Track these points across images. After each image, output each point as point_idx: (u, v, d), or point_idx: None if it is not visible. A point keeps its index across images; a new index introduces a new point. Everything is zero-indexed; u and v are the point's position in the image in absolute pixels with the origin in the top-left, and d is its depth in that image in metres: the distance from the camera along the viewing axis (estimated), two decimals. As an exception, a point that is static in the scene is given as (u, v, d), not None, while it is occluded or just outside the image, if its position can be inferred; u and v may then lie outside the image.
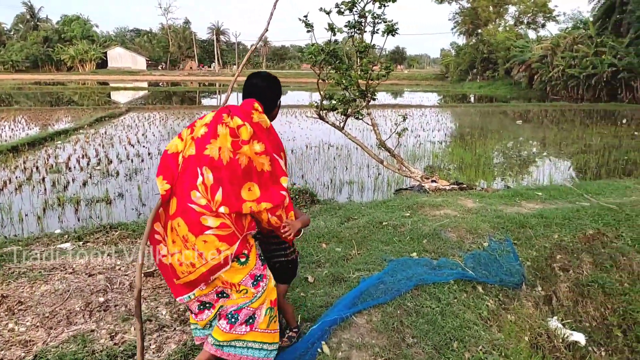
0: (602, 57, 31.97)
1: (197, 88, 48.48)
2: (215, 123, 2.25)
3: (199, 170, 2.16)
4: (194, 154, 2.21)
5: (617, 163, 10.84)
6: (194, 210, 2.14)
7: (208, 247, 2.16)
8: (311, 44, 6.43)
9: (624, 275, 4.36)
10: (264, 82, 2.53)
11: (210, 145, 2.19)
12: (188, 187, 2.16)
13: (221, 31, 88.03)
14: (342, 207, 5.60)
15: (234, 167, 2.19)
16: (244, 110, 2.34)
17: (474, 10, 53.04)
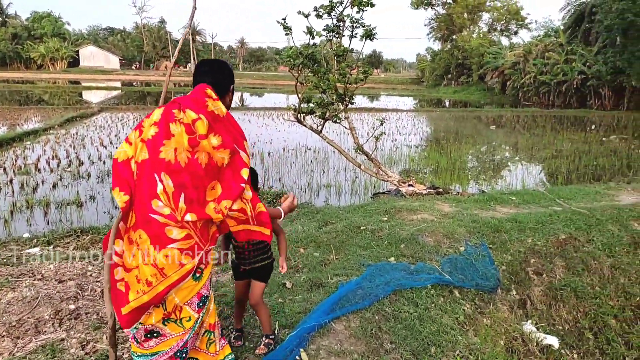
0: (572, 65, 32.91)
1: (173, 88, 47.72)
2: (166, 121, 2.02)
3: (157, 176, 1.96)
4: (148, 159, 2.00)
5: (587, 168, 11.14)
6: (157, 222, 1.96)
7: (170, 262, 2.00)
8: (289, 47, 6.40)
9: (595, 278, 4.46)
10: (214, 65, 2.34)
11: (165, 147, 1.98)
12: (148, 196, 1.96)
13: (197, 31, 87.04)
14: (319, 211, 5.58)
15: (194, 168, 2.00)
16: (195, 100, 2.11)
17: (449, 17, 53.92)
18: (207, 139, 2.04)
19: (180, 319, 2.11)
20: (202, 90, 2.15)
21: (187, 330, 2.15)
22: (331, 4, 6.28)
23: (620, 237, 4.91)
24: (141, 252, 2.00)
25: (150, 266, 1.98)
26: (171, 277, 2.01)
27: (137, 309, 2.02)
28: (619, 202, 6.10)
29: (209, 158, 2.04)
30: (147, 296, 1.98)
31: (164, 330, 2.11)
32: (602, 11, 29.26)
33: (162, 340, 2.12)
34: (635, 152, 13.57)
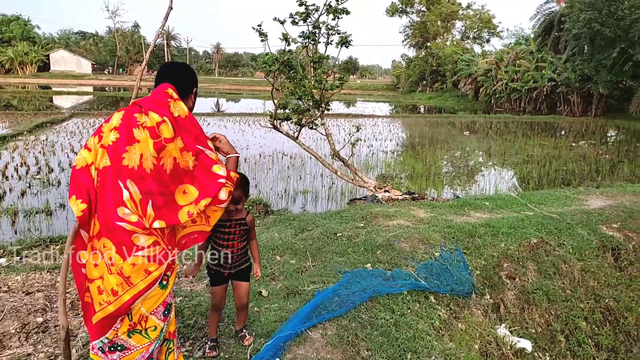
0: (542, 72, 33.78)
1: (147, 93, 47.03)
2: (128, 126, 1.96)
3: (122, 183, 1.91)
4: (110, 165, 1.94)
5: (558, 173, 11.42)
6: (123, 229, 1.91)
7: (137, 270, 1.95)
8: (265, 53, 6.38)
9: (566, 282, 4.57)
10: (176, 67, 2.33)
11: (128, 153, 1.92)
12: (113, 204, 1.90)
13: (172, 36, 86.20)
14: (296, 217, 5.56)
15: (159, 174, 1.96)
16: (157, 101, 2.05)
17: (423, 24, 54.76)
18: (174, 142, 2.00)
19: (146, 329, 2.06)
20: (162, 90, 2.11)
21: (153, 341, 2.10)
22: (307, 11, 6.29)
23: (590, 241, 5.05)
24: (105, 261, 1.94)
25: (115, 275, 1.92)
26: (138, 286, 1.96)
27: (104, 320, 1.97)
28: (588, 206, 6.26)
29: (174, 163, 2.00)
30: (113, 306, 1.94)
31: (129, 342, 2.04)
32: (570, 20, 30.15)
33: (126, 354, 2.05)
34: (603, 157, 13.99)
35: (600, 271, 4.79)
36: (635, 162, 13.34)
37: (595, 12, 27.23)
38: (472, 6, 54.73)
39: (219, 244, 2.68)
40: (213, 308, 2.79)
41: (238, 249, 2.69)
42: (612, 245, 5.12)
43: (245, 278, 2.79)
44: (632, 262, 5.07)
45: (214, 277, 2.74)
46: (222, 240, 2.67)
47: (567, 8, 31.61)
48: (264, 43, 6.47)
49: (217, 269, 2.70)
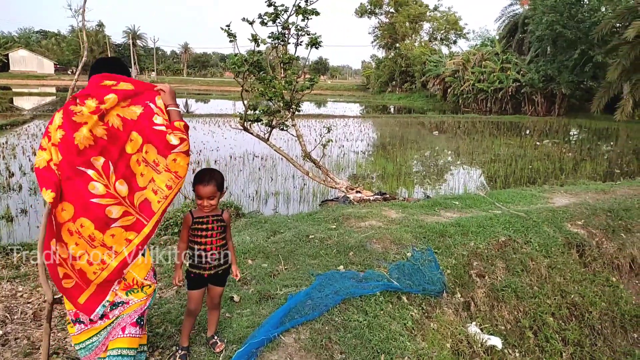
0: (507, 73, 34.68)
1: (113, 95, 45.96)
2: (69, 119, 2.19)
3: (83, 168, 2.16)
4: (62, 159, 2.16)
5: (523, 172, 11.72)
6: (97, 204, 2.16)
7: (117, 240, 2.22)
8: (234, 54, 6.30)
9: (534, 278, 4.68)
10: (108, 61, 2.54)
11: (78, 135, 2.16)
12: (83, 186, 2.15)
13: (138, 35, 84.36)
14: (267, 220, 5.51)
15: (113, 132, 2.23)
16: (93, 87, 2.31)
17: (392, 25, 55.34)
18: (119, 106, 2.28)
19: (142, 287, 2.38)
20: (95, 79, 2.36)
21: (149, 296, 2.41)
22: (276, 11, 6.24)
23: (555, 238, 5.18)
24: (84, 239, 2.17)
25: (100, 247, 2.19)
26: (122, 253, 2.23)
27: (102, 284, 2.24)
28: (553, 204, 6.44)
29: (121, 119, 2.27)
30: (106, 272, 2.21)
31: (128, 298, 2.34)
32: (533, 22, 31.05)
33: (126, 308, 2.35)
34: (567, 156, 14.45)
35: (565, 267, 4.92)
36: (597, 160, 13.84)
37: (557, 15, 28.14)
38: (439, 8, 55.70)
39: (197, 242, 2.64)
40: (188, 313, 2.73)
41: (217, 246, 2.66)
42: (576, 242, 5.27)
43: (222, 283, 2.77)
44: (596, 258, 5.23)
45: (195, 280, 2.68)
46: (200, 237, 2.63)
47: (531, 10, 32.57)
48: (233, 44, 6.40)
49: (198, 271, 2.66)
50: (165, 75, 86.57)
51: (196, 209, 2.66)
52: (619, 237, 5.62)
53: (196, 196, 2.58)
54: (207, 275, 2.66)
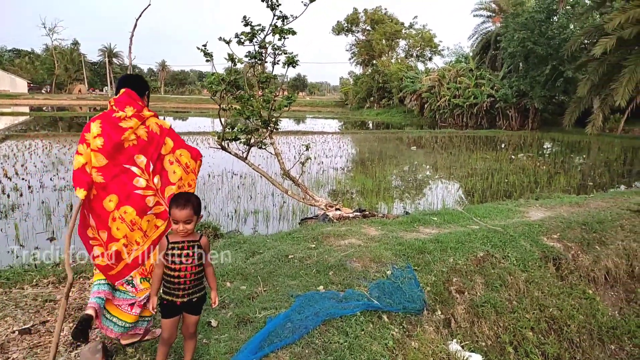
0: (482, 89, 35.46)
1: (88, 113, 45.34)
2: (112, 126, 2.68)
3: (128, 165, 2.69)
4: (108, 162, 2.65)
5: (500, 185, 11.91)
6: (139, 195, 2.69)
7: (150, 225, 2.77)
8: (211, 73, 6.28)
9: (512, 293, 4.71)
10: (131, 76, 3.05)
11: (125, 138, 2.69)
12: (129, 181, 2.68)
13: (114, 53, 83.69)
14: (246, 240, 5.43)
15: (152, 137, 2.80)
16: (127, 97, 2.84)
17: (368, 43, 56.25)
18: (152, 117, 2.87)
19: (149, 272, 2.85)
20: (127, 93, 2.86)
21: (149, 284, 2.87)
22: (252, 31, 6.26)
23: (532, 252, 5.24)
24: (126, 223, 2.68)
25: (137, 231, 2.72)
26: (152, 237, 2.79)
27: (127, 268, 2.76)
28: (529, 218, 6.54)
29: (158, 126, 2.86)
30: (138, 251, 2.74)
31: (139, 286, 2.83)
32: (505, 39, 31.92)
33: (136, 292, 2.84)
34: (541, 169, 14.75)
35: (543, 281, 4.98)
36: (570, 173, 14.16)
37: (528, 32, 29.01)
38: (414, 26, 56.92)
39: (171, 268, 2.54)
40: (162, 342, 2.64)
41: (192, 273, 2.56)
42: (553, 255, 5.34)
43: (197, 311, 2.67)
44: (572, 271, 5.31)
45: (167, 308, 2.59)
46: (174, 263, 2.54)
47: (502, 28, 33.50)
48: (212, 62, 6.39)
49: (170, 298, 2.57)
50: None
51: (172, 233, 2.61)
52: (593, 249, 5.73)
53: (172, 220, 2.54)
54: (179, 302, 2.58)
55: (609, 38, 13.79)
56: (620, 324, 5.22)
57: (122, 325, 2.84)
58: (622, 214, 6.83)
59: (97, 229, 2.68)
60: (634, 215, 6.79)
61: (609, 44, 13.76)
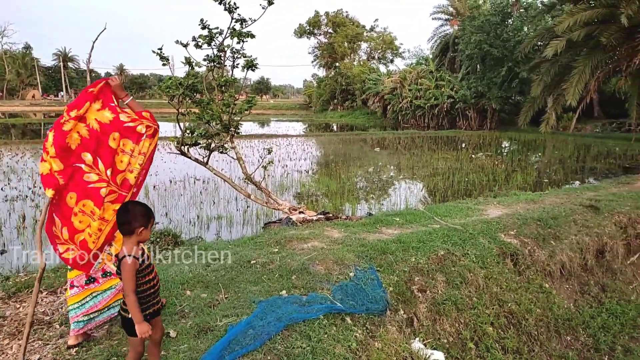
0: (442, 90, 36.25)
1: (43, 119, 43.66)
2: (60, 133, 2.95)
3: (78, 164, 2.99)
4: (63, 168, 2.95)
5: (460, 184, 12.19)
6: (93, 188, 3.00)
7: (107, 211, 3.04)
8: (168, 77, 6.14)
9: (472, 290, 4.81)
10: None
11: (69, 138, 2.97)
12: (81, 177, 2.99)
13: (69, 57, 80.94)
14: (208, 247, 5.34)
15: (92, 132, 3.03)
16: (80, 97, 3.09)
17: (330, 45, 56.61)
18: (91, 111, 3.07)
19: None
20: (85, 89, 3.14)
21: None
22: (210, 34, 6.16)
23: (491, 249, 5.37)
24: (87, 214, 2.99)
25: (97, 221, 3.00)
26: (112, 220, 3.04)
27: (95, 256, 3.05)
28: (488, 216, 6.70)
29: (98, 122, 3.06)
30: (102, 237, 3.04)
31: (113, 270, 3.24)
32: (462, 42, 32.78)
33: (112, 278, 3.29)
34: (499, 168, 15.18)
35: (501, 277, 5.11)
36: (527, 170, 14.64)
37: (484, 35, 29.90)
38: (375, 29, 57.69)
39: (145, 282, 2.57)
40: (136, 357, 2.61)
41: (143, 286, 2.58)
42: (510, 251, 5.49)
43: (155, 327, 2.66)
44: (529, 266, 5.47)
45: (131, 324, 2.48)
46: (148, 275, 2.59)
47: (460, 31, 34.42)
48: (171, 65, 6.25)
49: (153, 308, 2.62)
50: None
51: (126, 252, 2.47)
52: (549, 244, 5.92)
53: (148, 230, 2.58)
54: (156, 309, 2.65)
55: (559, 40, 14.37)
56: (575, 315, 5.42)
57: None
58: (575, 209, 7.10)
59: (61, 227, 2.99)
60: (586, 210, 7.08)
61: (559, 46, 14.35)
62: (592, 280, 6.07)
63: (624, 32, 13.43)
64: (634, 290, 6.38)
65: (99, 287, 3.24)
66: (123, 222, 2.55)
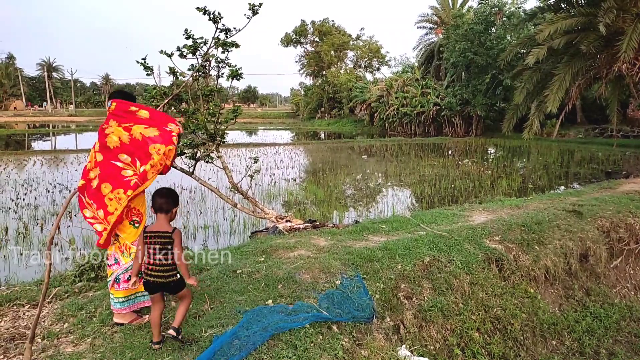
0: (428, 98, 36.56)
1: (26, 130, 43.11)
2: (102, 136, 3.58)
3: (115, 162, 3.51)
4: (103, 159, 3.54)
5: (447, 191, 12.28)
6: (127, 181, 3.48)
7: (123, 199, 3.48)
8: (152, 86, 6.13)
9: (458, 296, 4.84)
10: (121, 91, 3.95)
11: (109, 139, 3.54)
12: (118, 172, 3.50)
13: (54, 67, 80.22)
14: (193, 256, 5.30)
15: (134, 140, 3.53)
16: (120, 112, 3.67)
17: (317, 54, 56.86)
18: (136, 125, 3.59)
19: (130, 254, 3.57)
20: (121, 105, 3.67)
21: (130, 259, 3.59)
22: (195, 44, 6.17)
23: (476, 255, 5.42)
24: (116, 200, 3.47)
25: (121, 205, 3.46)
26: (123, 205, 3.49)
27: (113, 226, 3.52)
28: (473, 222, 6.76)
29: (142, 135, 3.54)
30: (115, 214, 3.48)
31: (120, 260, 3.60)
32: (447, 50, 33.18)
33: (118, 267, 3.60)
34: (485, 174, 15.34)
35: (487, 282, 5.15)
36: (512, 176, 14.81)
37: (468, 43, 30.31)
38: (361, 37, 58.10)
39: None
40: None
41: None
42: (495, 257, 5.54)
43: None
44: (514, 272, 5.52)
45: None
46: None
47: (444, 39, 34.82)
48: (157, 74, 6.24)
49: None
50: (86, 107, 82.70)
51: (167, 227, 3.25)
52: (533, 249, 5.99)
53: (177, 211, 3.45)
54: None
55: (540, 48, 14.63)
56: (560, 319, 5.48)
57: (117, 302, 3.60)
58: (559, 214, 7.19)
59: (96, 209, 3.52)
60: (569, 215, 7.17)
61: (541, 54, 14.60)
62: (577, 285, 6.15)
63: (602, 40, 13.72)
64: (618, 293, 6.47)
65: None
66: (162, 202, 3.27)
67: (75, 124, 51.32)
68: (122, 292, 3.58)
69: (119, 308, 3.59)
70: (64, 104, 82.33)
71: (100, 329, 3.51)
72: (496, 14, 30.30)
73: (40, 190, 12.17)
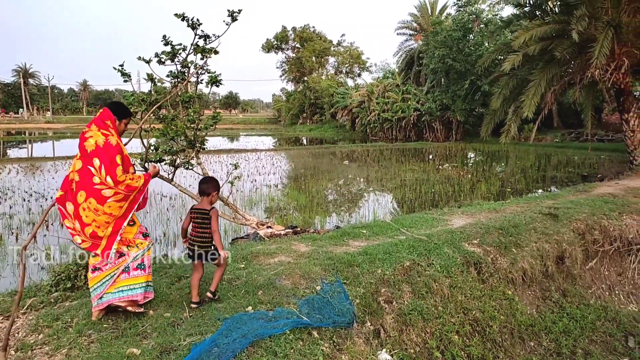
0: (408, 103, 36.96)
1: (2, 137, 42.17)
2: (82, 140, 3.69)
3: (90, 168, 3.58)
4: (82, 167, 3.61)
5: (427, 195, 12.40)
6: (97, 189, 3.56)
7: (113, 207, 3.61)
8: (130, 93, 6.07)
9: (438, 299, 4.88)
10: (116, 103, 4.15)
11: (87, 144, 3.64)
12: (90, 180, 3.56)
13: (30, 74, 78.69)
14: (173, 264, 5.25)
15: (107, 145, 3.65)
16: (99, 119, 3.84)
17: (298, 60, 57.04)
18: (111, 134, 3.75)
19: (136, 245, 3.84)
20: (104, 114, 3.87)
21: (142, 249, 3.87)
22: (173, 50, 6.14)
23: (455, 258, 5.48)
24: (92, 210, 3.55)
25: (102, 214, 3.58)
26: (118, 214, 3.65)
27: (108, 240, 3.65)
28: (452, 226, 6.84)
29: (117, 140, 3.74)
30: (110, 227, 3.64)
31: (127, 251, 3.79)
32: (427, 56, 33.62)
33: (127, 257, 3.78)
34: (464, 178, 15.54)
35: (466, 285, 5.21)
36: (491, 180, 15.04)
37: (447, 49, 30.76)
38: (342, 43, 58.48)
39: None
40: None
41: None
42: (474, 260, 5.61)
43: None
44: (492, 274, 5.61)
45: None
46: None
47: (424, 45, 35.30)
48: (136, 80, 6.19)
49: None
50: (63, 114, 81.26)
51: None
52: (510, 252, 6.09)
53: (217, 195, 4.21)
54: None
55: (516, 54, 14.92)
56: (537, 321, 5.57)
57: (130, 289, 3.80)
58: (535, 217, 7.33)
59: (74, 219, 3.60)
60: (546, 218, 7.31)
61: (516, 60, 14.89)
62: (553, 286, 6.26)
63: (576, 47, 14.06)
64: (593, 294, 6.61)
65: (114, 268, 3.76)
66: (204, 187, 4.08)
67: (52, 131, 50.37)
68: (133, 279, 3.80)
69: (141, 293, 3.82)
70: (40, 110, 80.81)
71: (77, 339, 3.45)
72: (474, 21, 30.84)
73: (15, 199, 11.91)
